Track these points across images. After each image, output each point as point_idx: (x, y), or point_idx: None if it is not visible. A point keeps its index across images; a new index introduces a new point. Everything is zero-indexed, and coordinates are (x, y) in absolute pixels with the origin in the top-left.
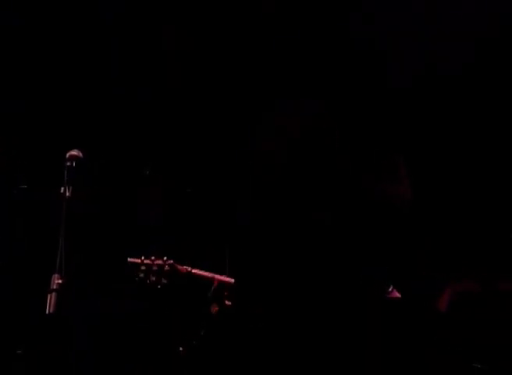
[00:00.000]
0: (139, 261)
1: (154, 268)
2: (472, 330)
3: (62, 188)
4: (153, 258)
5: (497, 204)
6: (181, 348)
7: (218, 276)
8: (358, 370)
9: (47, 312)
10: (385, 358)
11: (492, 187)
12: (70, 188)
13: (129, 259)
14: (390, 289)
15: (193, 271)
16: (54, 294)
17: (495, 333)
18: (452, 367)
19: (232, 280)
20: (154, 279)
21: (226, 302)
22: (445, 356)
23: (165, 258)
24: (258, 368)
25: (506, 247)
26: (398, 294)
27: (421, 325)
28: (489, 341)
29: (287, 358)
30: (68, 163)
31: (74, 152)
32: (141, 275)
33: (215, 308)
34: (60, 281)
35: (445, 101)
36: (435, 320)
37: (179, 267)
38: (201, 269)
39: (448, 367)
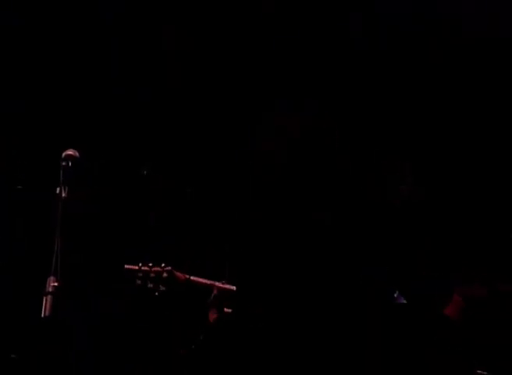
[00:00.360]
0: (136, 268)
1: (152, 275)
2: (472, 330)
3: (58, 189)
4: (150, 264)
5: (497, 204)
6: (181, 351)
7: (218, 284)
8: (359, 370)
9: (42, 315)
10: (385, 358)
11: (493, 187)
12: (66, 188)
13: (125, 266)
14: (396, 295)
15: (192, 278)
16: (49, 297)
17: (495, 334)
18: (452, 367)
19: (232, 288)
20: (151, 286)
21: (226, 310)
22: (445, 356)
23: (163, 264)
24: (259, 369)
25: (507, 247)
26: (404, 301)
27: (421, 325)
28: (489, 341)
29: (287, 358)
30: (64, 163)
31: (70, 152)
32: (138, 282)
33: (213, 316)
34: (56, 284)
35: (444, 101)
36: (435, 320)
37: (178, 274)
38: (200, 275)
39: (448, 367)
